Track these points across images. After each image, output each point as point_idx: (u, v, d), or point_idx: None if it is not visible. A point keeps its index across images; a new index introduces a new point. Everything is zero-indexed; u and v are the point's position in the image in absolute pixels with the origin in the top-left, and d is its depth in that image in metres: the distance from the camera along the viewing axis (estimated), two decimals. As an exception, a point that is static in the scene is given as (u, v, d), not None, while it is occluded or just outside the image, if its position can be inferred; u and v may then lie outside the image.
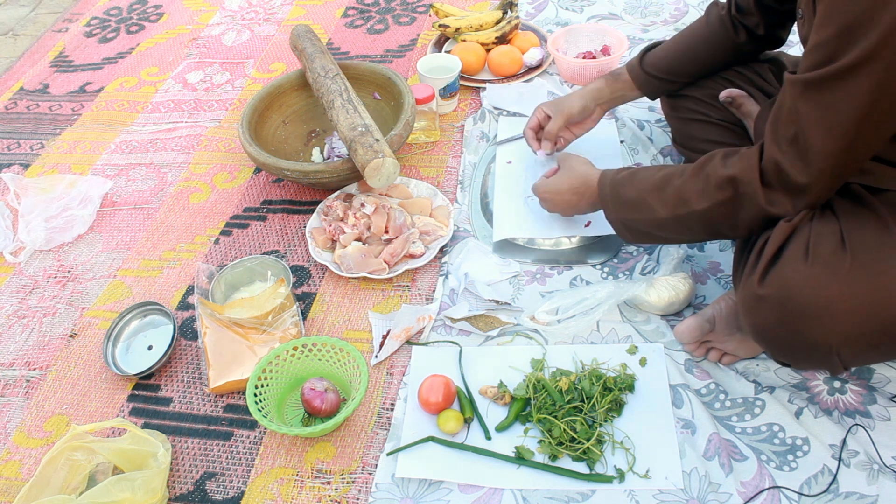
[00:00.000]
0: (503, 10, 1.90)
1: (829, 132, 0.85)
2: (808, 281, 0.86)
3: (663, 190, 1.04)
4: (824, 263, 0.85)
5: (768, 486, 1.00)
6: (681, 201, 1.02)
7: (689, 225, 1.04)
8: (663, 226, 1.06)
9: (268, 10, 2.24)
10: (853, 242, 0.86)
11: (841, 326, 0.85)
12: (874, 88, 0.80)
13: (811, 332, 0.86)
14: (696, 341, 1.15)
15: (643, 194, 1.07)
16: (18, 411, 1.23)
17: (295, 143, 1.66)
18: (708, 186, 0.98)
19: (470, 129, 1.65)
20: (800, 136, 0.87)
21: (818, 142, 0.86)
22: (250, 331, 1.24)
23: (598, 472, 1.03)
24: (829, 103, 0.84)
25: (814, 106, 0.85)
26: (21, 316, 1.39)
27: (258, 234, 1.49)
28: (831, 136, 0.85)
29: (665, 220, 1.05)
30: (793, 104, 0.87)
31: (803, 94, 0.86)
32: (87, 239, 1.54)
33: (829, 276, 0.85)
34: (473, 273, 1.31)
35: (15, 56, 2.21)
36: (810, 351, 0.89)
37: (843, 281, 0.84)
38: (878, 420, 1.06)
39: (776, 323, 0.90)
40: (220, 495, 1.08)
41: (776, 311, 0.89)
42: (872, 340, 0.86)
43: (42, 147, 1.80)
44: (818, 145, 0.86)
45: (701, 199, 0.99)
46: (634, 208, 1.09)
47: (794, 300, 0.87)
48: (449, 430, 1.09)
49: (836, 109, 0.83)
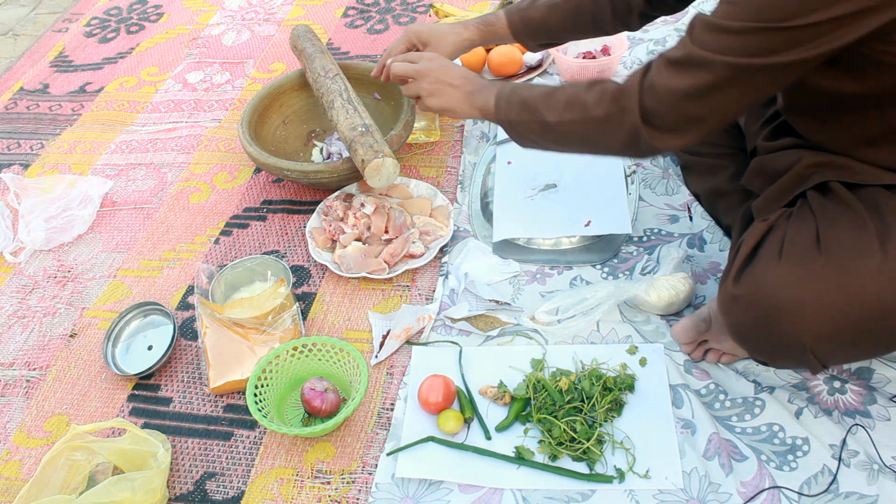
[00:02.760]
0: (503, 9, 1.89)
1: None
2: (780, 280, 0.86)
3: (552, 96, 1.03)
4: (797, 262, 0.85)
5: (768, 486, 1.00)
6: (568, 107, 1.01)
7: (569, 132, 1.03)
8: (545, 131, 1.05)
9: (268, 10, 2.24)
10: (828, 240, 0.85)
11: (813, 325, 0.84)
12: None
13: (784, 330, 0.86)
14: (693, 341, 1.15)
15: (536, 97, 1.05)
16: (18, 411, 1.23)
17: (295, 143, 1.66)
18: (601, 97, 0.97)
19: (470, 129, 1.65)
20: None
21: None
22: (250, 331, 1.24)
23: (598, 472, 1.03)
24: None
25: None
26: (21, 316, 1.39)
27: (258, 234, 1.49)
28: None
29: (549, 124, 1.03)
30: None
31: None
32: (87, 239, 1.54)
33: (801, 274, 0.84)
34: (473, 273, 1.31)
35: (15, 56, 2.21)
36: (785, 350, 0.89)
37: (815, 279, 0.84)
38: (878, 420, 1.06)
39: (751, 322, 0.90)
40: (220, 495, 1.08)
41: (750, 311, 0.89)
42: (847, 338, 0.86)
43: (42, 147, 1.80)
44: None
45: (585, 109, 0.99)
46: (524, 109, 1.06)
47: (766, 300, 0.86)
48: (449, 430, 1.09)
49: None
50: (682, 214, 1.39)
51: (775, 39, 0.78)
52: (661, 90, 0.89)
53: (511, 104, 1.09)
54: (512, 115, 1.09)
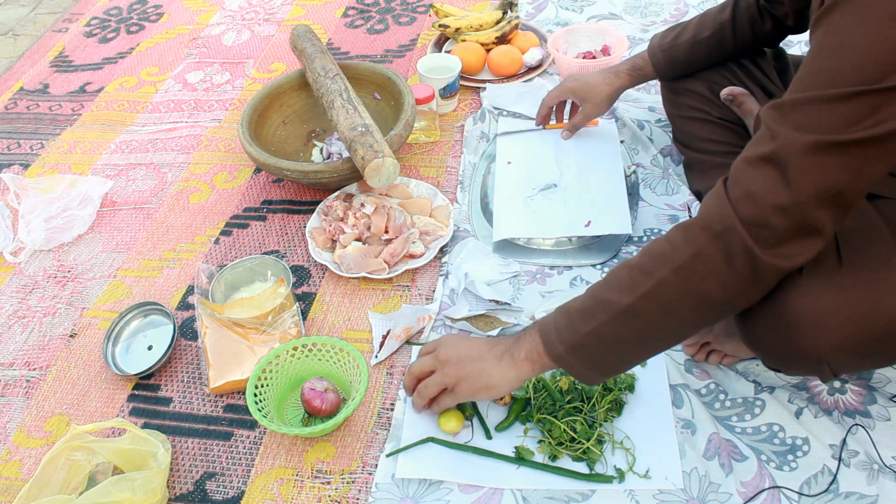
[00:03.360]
0: (503, 10, 1.89)
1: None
2: (800, 291, 0.85)
3: (610, 281, 0.86)
4: (817, 274, 0.85)
5: (768, 486, 1.00)
6: (642, 274, 0.82)
7: (662, 302, 0.81)
8: (628, 321, 0.83)
9: (268, 10, 2.24)
10: (848, 252, 0.85)
11: (831, 337, 0.84)
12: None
13: (802, 341, 0.86)
14: (695, 343, 1.15)
15: (590, 297, 0.87)
16: (18, 411, 1.23)
17: (295, 143, 1.66)
18: (674, 244, 0.81)
19: (470, 129, 1.65)
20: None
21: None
22: (250, 331, 1.24)
23: (598, 472, 1.03)
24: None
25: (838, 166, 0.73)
26: (21, 316, 1.39)
27: (258, 234, 1.49)
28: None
29: (629, 308, 0.82)
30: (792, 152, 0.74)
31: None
32: (87, 239, 1.54)
33: (821, 286, 0.84)
34: (473, 273, 1.31)
35: (15, 56, 2.21)
36: (800, 359, 0.88)
37: (835, 291, 0.83)
38: (878, 420, 1.06)
39: (767, 332, 0.89)
40: (220, 495, 1.08)
41: (767, 321, 0.89)
42: (862, 350, 0.85)
43: (42, 147, 1.80)
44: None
45: (668, 260, 0.81)
46: (585, 318, 0.86)
47: (785, 311, 0.86)
48: (449, 429, 1.09)
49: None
50: (682, 214, 1.39)
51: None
52: (760, 195, 0.75)
53: (564, 327, 0.87)
54: (574, 336, 0.86)
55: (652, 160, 1.51)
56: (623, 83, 1.41)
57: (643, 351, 0.89)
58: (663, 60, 1.33)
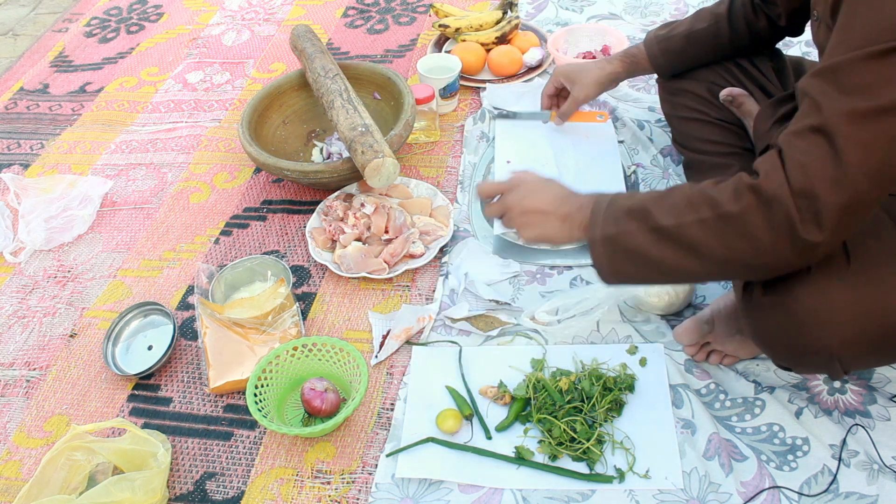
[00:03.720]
0: (503, 10, 1.89)
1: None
2: (810, 288, 0.85)
3: (666, 198, 0.86)
4: (827, 270, 0.85)
5: (768, 486, 1.00)
6: (690, 206, 0.83)
7: (694, 240, 0.83)
8: (660, 241, 0.84)
9: (268, 10, 2.24)
10: (856, 249, 0.85)
11: (842, 333, 0.84)
12: None
13: (812, 338, 0.86)
14: (696, 343, 1.15)
15: (643, 201, 0.88)
16: (18, 411, 1.23)
17: (295, 143, 1.66)
18: (725, 194, 0.81)
19: (470, 129, 1.65)
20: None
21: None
22: (250, 331, 1.24)
23: (598, 472, 1.03)
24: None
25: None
26: (21, 316, 1.39)
27: (258, 234, 1.49)
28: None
29: (665, 229, 0.84)
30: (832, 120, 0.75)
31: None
32: (87, 239, 1.54)
33: (831, 283, 0.84)
34: (473, 273, 1.31)
35: (15, 56, 2.21)
36: (811, 356, 0.89)
37: (844, 288, 0.84)
38: (878, 420, 1.06)
39: (778, 330, 0.90)
40: (220, 495, 1.08)
41: (778, 319, 0.89)
42: (873, 346, 0.86)
43: (42, 147, 1.80)
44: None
45: (715, 206, 0.81)
46: (628, 217, 0.87)
47: (796, 307, 0.86)
48: (448, 428, 1.09)
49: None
50: (682, 214, 1.39)
51: None
52: (811, 166, 0.75)
53: (609, 216, 0.89)
54: (609, 228, 0.88)
55: (652, 160, 1.51)
56: (615, 69, 1.40)
57: (656, 275, 0.90)
58: (658, 51, 1.33)
